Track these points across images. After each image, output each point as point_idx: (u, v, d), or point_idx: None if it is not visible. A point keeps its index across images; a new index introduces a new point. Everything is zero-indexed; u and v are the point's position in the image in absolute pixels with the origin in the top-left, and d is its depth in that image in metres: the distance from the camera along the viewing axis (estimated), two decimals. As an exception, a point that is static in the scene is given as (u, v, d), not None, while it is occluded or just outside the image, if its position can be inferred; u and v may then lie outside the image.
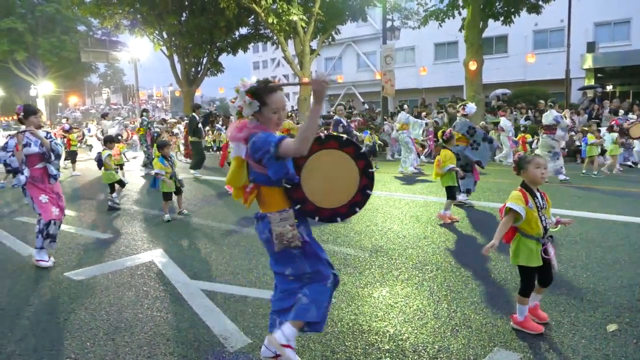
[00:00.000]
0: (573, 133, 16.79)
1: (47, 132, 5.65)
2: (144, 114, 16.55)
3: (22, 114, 5.47)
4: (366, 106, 25.72)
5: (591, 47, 24.76)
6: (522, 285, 3.59)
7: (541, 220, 3.46)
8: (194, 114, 14.24)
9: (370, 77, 35.86)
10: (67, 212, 8.84)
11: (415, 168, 13.66)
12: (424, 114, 20.87)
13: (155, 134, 13.87)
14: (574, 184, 10.54)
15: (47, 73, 45.23)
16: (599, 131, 13.11)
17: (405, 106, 14.38)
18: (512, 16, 19.63)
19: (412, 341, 3.54)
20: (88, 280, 5.12)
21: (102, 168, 9.13)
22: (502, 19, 19.83)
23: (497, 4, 19.57)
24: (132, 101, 51.40)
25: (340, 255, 5.68)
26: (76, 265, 5.62)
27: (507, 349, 3.39)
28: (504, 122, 16.13)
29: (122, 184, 9.44)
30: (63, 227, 7.68)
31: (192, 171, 13.70)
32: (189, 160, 15.37)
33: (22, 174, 5.36)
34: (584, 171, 12.20)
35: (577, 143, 16.31)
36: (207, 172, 14.47)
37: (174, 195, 8.13)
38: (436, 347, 3.44)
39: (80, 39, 35.27)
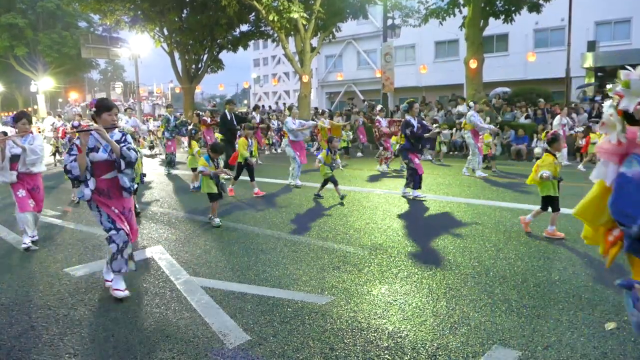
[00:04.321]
0: (573, 132, 16.77)
1: (123, 133, 4.54)
2: (167, 109, 15.38)
3: (94, 109, 4.41)
4: (366, 103, 25.66)
5: (592, 46, 24.72)
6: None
7: None
8: (225, 110, 12.69)
9: (370, 74, 35.82)
10: (66, 208, 8.90)
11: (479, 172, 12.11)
12: (423, 112, 20.84)
13: (194, 131, 12.74)
14: (573, 183, 10.53)
15: (48, 69, 45.16)
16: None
17: (472, 103, 12.78)
18: (513, 14, 19.60)
19: (410, 339, 3.55)
20: (88, 276, 5.13)
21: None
22: (502, 17, 19.81)
23: (497, 2, 19.55)
24: (132, 97, 51.33)
25: (340, 253, 5.69)
26: (76, 262, 5.62)
27: (505, 346, 3.40)
28: (557, 120, 14.75)
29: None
30: (63, 223, 7.72)
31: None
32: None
33: (87, 185, 4.34)
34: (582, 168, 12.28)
35: (581, 142, 16.27)
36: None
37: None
38: (435, 344, 3.45)
39: (80, 35, 35.15)
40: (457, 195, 9.34)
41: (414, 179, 8.96)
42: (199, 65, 30.89)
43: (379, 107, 17.40)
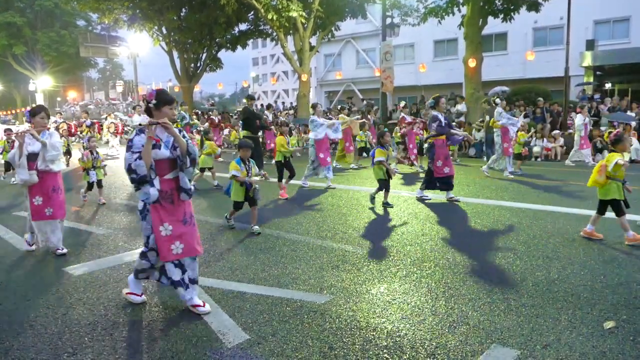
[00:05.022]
0: (571, 131, 16.77)
1: (179, 128, 4.16)
2: (182, 107, 14.80)
3: (154, 101, 3.94)
4: (365, 102, 25.66)
5: (590, 44, 24.72)
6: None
7: None
8: (246, 105, 12.27)
9: (369, 73, 35.80)
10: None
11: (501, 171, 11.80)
12: (422, 111, 20.85)
13: (203, 131, 12.18)
14: (572, 182, 10.55)
15: (46, 68, 45.07)
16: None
17: (498, 100, 12.05)
18: (512, 13, 19.60)
19: (409, 338, 3.55)
20: (86, 275, 5.12)
21: None
22: (501, 16, 19.80)
23: (496, 1, 19.54)
24: (131, 96, 51.29)
25: (339, 252, 5.69)
26: (74, 261, 5.62)
27: (504, 345, 3.40)
28: (579, 119, 14.07)
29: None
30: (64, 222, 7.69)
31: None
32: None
33: (152, 185, 3.88)
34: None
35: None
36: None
37: (247, 205, 6.81)
38: (434, 343, 3.45)
39: (79, 33, 35.14)
40: (456, 194, 9.33)
41: (430, 180, 8.75)
42: (198, 64, 30.87)
43: (402, 103, 16.50)
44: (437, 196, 9.09)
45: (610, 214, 7.27)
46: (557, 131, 16.84)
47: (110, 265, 5.43)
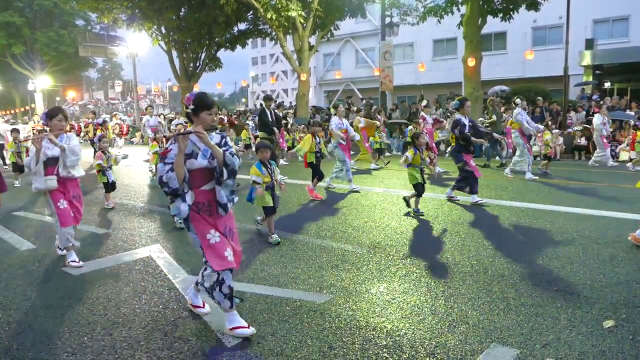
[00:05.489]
0: (571, 130, 16.80)
1: (222, 135, 3.78)
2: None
3: (192, 106, 3.64)
4: (364, 102, 25.67)
5: (590, 44, 24.74)
6: None
7: None
8: (264, 106, 11.99)
9: (368, 73, 35.80)
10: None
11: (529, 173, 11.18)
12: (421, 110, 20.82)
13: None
14: (571, 181, 10.56)
15: (45, 67, 45.02)
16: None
17: (518, 100, 11.63)
18: (511, 13, 19.60)
19: (409, 337, 3.55)
20: (86, 275, 5.12)
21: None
22: (501, 15, 19.80)
23: (495, 0, 19.54)
24: (130, 96, 51.28)
25: (338, 252, 5.69)
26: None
27: (504, 344, 3.40)
28: (597, 118, 13.76)
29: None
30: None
31: None
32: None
33: (184, 200, 3.55)
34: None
35: (579, 140, 16.30)
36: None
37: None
38: (433, 343, 3.45)
39: (78, 33, 35.10)
40: (455, 193, 9.33)
41: (469, 183, 8.18)
42: (197, 64, 30.87)
43: (424, 102, 15.54)
44: (436, 196, 9.09)
45: (610, 214, 7.29)
46: (556, 130, 16.84)
47: (109, 265, 5.43)
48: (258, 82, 69.99)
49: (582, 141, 16.29)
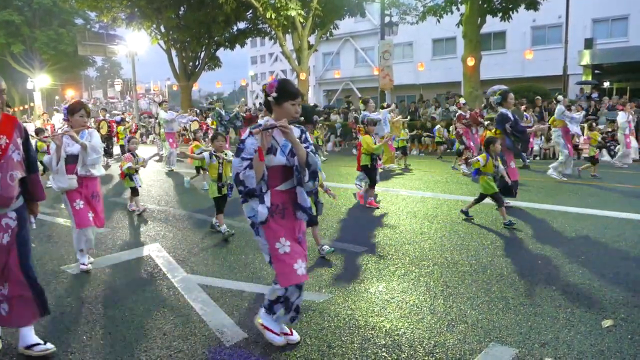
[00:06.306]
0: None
1: (301, 129, 3.36)
2: (217, 103, 14.29)
3: (274, 94, 3.18)
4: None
5: (589, 43, 24.76)
6: None
7: None
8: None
9: (368, 72, 35.80)
10: (63, 206, 8.81)
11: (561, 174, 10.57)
12: (421, 110, 20.86)
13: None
14: (570, 181, 10.56)
15: (44, 66, 44.94)
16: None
17: (560, 97, 10.66)
18: (511, 12, 19.63)
19: (408, 336, 3.55)
20: (85, 273, 5.11)
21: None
22: (500, 15, 19.83)
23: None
24: (129, 95, 51.20)
25: (337, 251, 5.68)
26: (73, 259, 5.60)
27: (502, 344, 3.41)
28: (621, 116, 13.24)
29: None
30: (60, 220, 7.69)
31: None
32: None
33: (262, 202, 3.15)
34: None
35: (577, 140, 16.25)
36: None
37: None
38: (432, 342, 3.46)
39: (77, 32, 34.97)
40: (454, 193, 9.34)
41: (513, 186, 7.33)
42: (196, 63, 30.85)
43: (462, 100, 14.27)
44: (435, 195, 9.09)
45: (609, 213, 7.29)
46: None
47: (108, 264, 5.43)
48: (257, 82, 69.91)
49: (581, 141, 16.23)
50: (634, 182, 10.25)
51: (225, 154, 6.69)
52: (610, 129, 15.08)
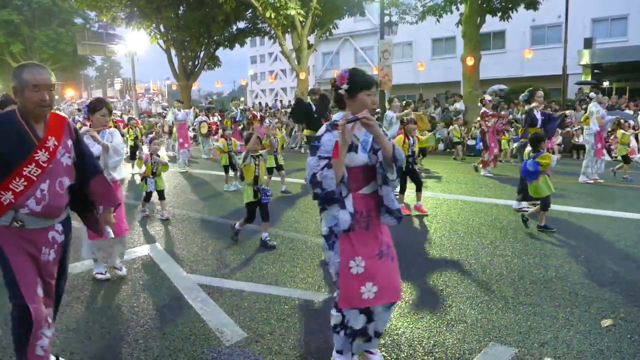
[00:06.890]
0: (569, 129, 16.79)
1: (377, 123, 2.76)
2: (232, 102, 14.28)
3: (345, 85, 2.85)
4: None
5: (588, 43, 24.77)
6: None
7: None
8: (309, 101, 10.71)
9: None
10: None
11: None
12: (421, 109, 20.84)
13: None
14: (570, 181, 10.55)
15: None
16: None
17: (592, 93, 9.93)
18: (510, 12, 19.61)
19: (407, 336, 3.55)
20: (84, 273, 5.11)
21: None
22: (499, 14, 19.82)
23: (494, -1, 19.58)
24: (129, 95, 51.22)
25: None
26: (72, 259, 5.59)
27: (502, 343, 3.41)
28: None
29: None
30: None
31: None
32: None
33: (343, 207, 2.75)
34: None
35: (577, 140, 16.27)
36: (199, 166, 14.47)
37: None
38: (431, 341, 3.46)
39: (77, 31, 34.99)
40: (454, 192, 9.34)
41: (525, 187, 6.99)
42: (196, 62, 30.82)
43: (487, 97, 13.10)
44: (435, 195, 9.09)
45: (610, 213, 7.30)
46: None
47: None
48: (257, 81, 69.93)
49: (581, 140, 16.27)
50: (633, 183, 10.25)
51: (260, 155, 5.96)
52: (610, 129, 15.09)
